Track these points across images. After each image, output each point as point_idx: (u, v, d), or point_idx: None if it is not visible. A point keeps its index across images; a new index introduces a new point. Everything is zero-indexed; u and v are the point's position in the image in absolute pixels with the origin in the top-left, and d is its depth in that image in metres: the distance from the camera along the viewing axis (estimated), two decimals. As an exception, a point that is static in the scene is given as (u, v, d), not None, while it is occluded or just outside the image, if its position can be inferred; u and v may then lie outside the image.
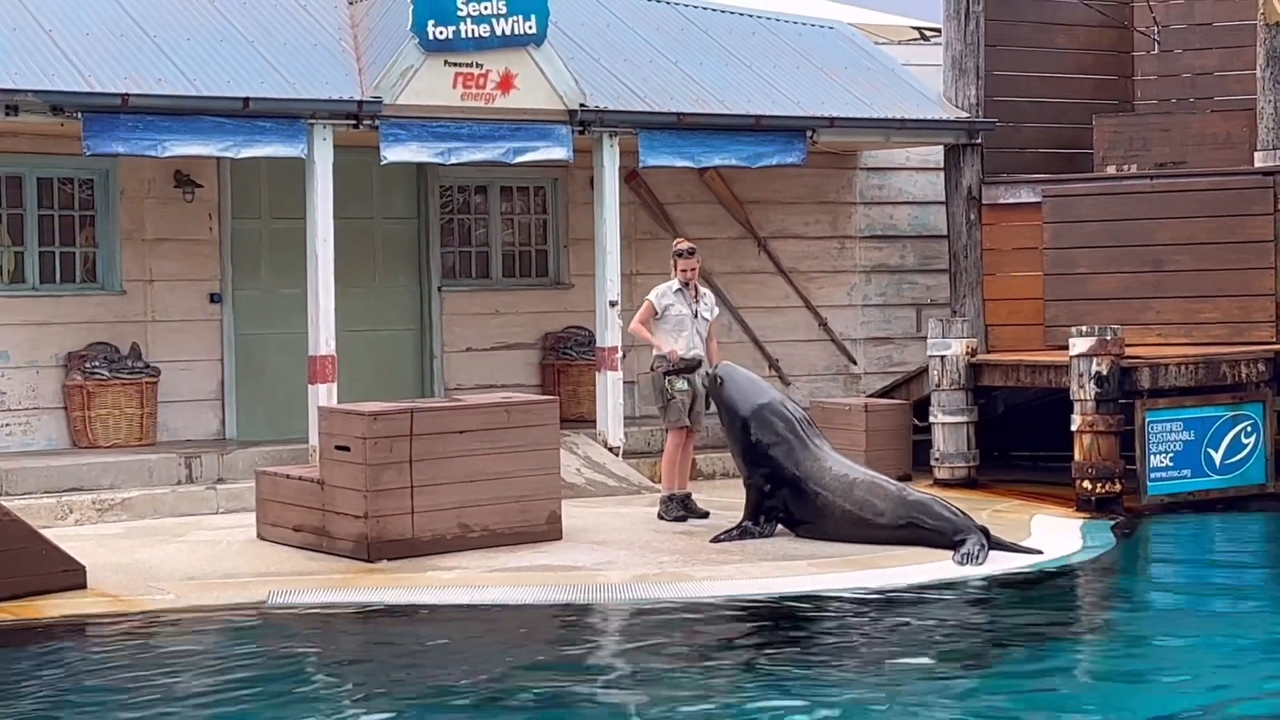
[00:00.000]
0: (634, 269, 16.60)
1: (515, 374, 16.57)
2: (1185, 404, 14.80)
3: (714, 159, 15.92)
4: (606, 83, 15.66)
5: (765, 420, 12.68)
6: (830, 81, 16.97)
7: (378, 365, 15.98)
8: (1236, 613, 10.94)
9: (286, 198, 15.31)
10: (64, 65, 13.51)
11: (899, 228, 18.25)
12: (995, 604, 11.04)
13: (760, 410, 12.71)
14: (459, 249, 16.68)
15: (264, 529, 12.54)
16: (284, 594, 10.95)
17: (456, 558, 11.85)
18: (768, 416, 12.68)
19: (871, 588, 11.19)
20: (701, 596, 10.99)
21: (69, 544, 11.34)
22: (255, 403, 15.48)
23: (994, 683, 9.09)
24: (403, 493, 11.84)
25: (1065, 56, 18.04)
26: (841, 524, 12.37)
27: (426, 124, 14.49)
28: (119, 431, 14.57)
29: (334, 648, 10.04)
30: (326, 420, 12.33)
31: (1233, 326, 16.04)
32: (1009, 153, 17.47)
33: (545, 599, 10.89)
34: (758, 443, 12.67)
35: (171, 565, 11.67)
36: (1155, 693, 8.92)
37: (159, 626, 10.28)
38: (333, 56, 14.71)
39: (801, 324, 17.89)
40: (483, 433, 12.18)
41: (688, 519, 13.19)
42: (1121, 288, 16.39)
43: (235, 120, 13.81)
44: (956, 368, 15.49)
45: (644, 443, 15.87)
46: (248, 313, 15.54)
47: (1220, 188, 16.25)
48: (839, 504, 12.39)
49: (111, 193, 15.00)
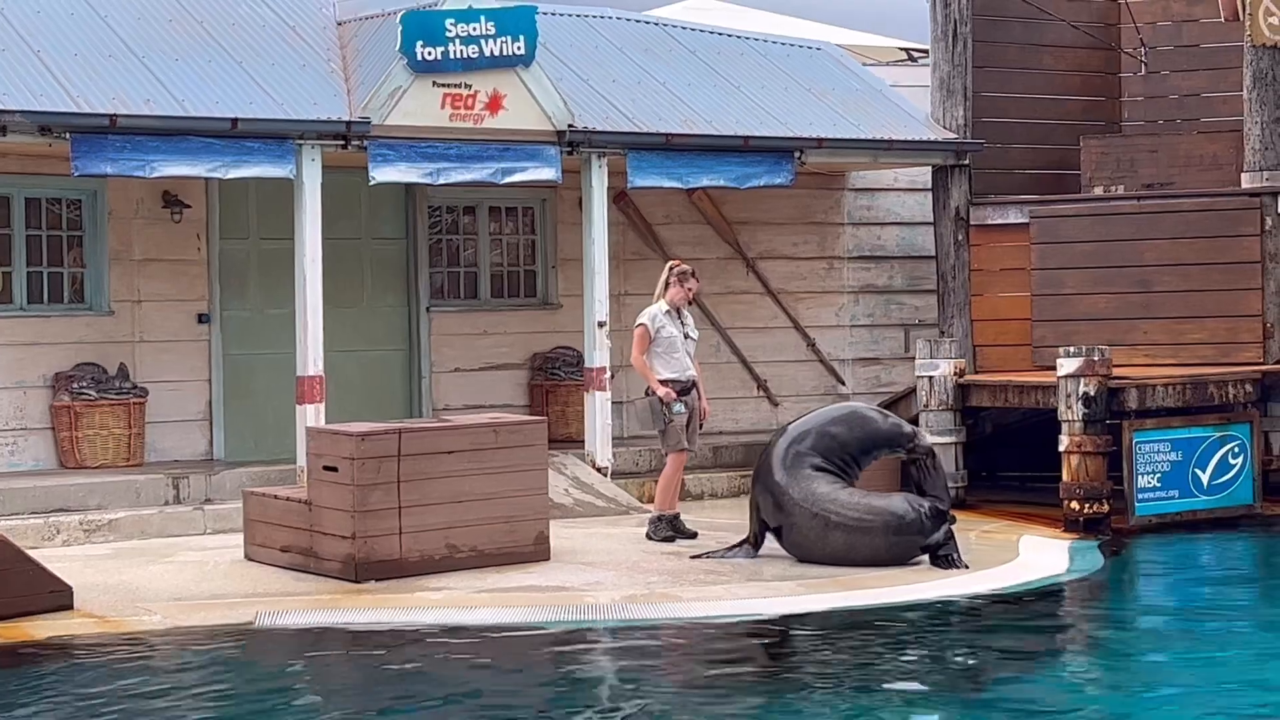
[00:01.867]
0: (622, 289, 16.61)
1: (504, 394, 16.57)
2: (1173, 424, 14.82)
3: (702, 180, 15.94)
4: (595, 103, 15.69)
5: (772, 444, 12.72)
6: (818, 102, 17.00)
7: (366, 386, 15.97)
8: (1224, 633, 10.93)
9: (275, 218, 15.31)
10: (52, 86, 13.51)
11: (887, 248, 18.28)
12: (983, 624, 11.04)
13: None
14: (447, 269, 16.68)
15: (251, 549, 12.52)
16: (271, 615, 10.92)
17: (444, 578, 11.83)
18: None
19: (859, 608, 11.19)
20: (689, 617, 10.98)
21: (56, 565, 11.33)
22: (243, 423, 15.47)
23: (982, 703, 9.08)
24: (390, 513, 11.83)
25: (1053, 78, 18.09)
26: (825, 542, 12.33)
27: (415, 144, 14.49)
28: (106, 452, 14.55)
29: (321, 669, 10.01)
30: (314, 441, 12.33)
31: (1220, 347, 16.09)
32: (997, 173, 17.52)
33: (533, 620, 10.88)
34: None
35: (159, 586, 11.65)
36: (1144, 713, 8.91)
37: (146, 648, 10.25)
38: (321, 77, 14.72)
39: (790, 344, 17.90)
40: (471, 453, 12.18)
41: (676, 539, 13.18)
42: (1109, 308, 16.42)
43: (223, 141, 13.82)
44: (944, 388, 15.50)
45: (632, 463, 15.87)
46: (236, 333, 15.54)
47: (1207, 209, 16.30)
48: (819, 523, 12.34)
49: (100, 213, 14.99)
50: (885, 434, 12.66)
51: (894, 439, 12.67)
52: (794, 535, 12.43)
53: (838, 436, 12.60)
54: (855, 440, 12.61)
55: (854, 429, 12.65)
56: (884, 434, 12.66)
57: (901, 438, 12.65)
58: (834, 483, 12.43)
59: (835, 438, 12.59)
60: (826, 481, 12.41)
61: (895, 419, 12.87)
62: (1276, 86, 16.12)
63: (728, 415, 17.14)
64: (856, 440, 12.61)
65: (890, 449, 12.74)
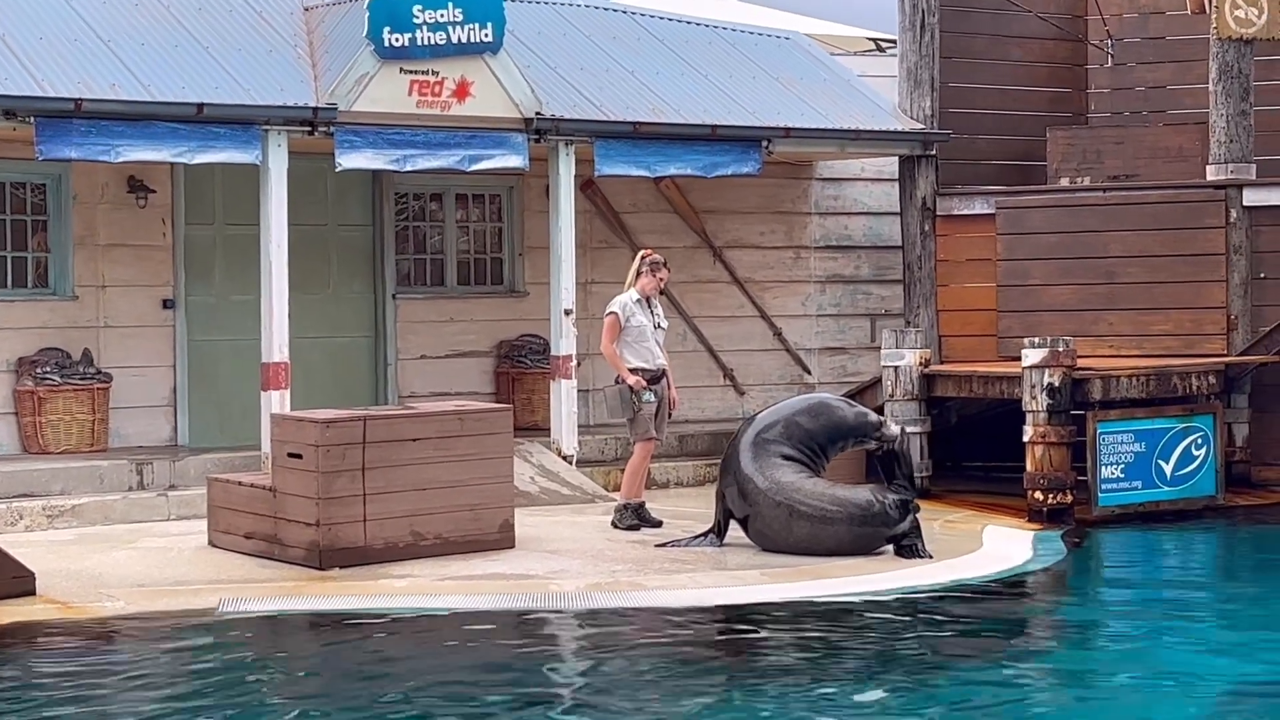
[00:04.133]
0: (589, 277, 16.61)
1: (470, 382, 16.56)
2: (1136, 415, 14.88)
3: (670, 168, 15.94)
4: (563, 91, 15.67)
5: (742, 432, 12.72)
6: (786, 92, 17.01)
7: (331, 372, 15.94)
8: (1184, 624, 10.99)
9: (240, 204, 15.26)
10: (17, 69, 13.45)
11: (854, 238, 18.31)
12: (946, 614, 11.07)
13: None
14: (414, 256, 16.65)
15: (215, 536, 12.49)
16: (235, 601, 10.91)
17: (409, 565, 11.83)
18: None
19: (824, 597, 11.22)
20: (654, 606, 11.00)
21: (19, 550, 11.29)
22: (208, 409, 15.43)
23: (945, 693, 9.11)
24: (355, 500, 11.82)
25: (1020, 69, 18.14)
26: (790, 532, 12.35)
27: (382, 131, 14.47)
28: (70, 437, 14.50)
29: (285, 656, 10.01)
30: (279, 427, 12.30)
31: (1184, 339, 16.15)
32: (963, 164, 17.55)
33: (497, 607, 10.88)
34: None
35: (122, 572, 11.63)
36: (1104, 702, 8.96)
37: (109, 634, 10.24)
38: (288, 63, 14.68)
39: (756, 333, 17.92)
40: (436, 440, 12.17)
41: (641, 528, 13.19)
42: (1074, 299, 16.48)
43: (189, 126, 13.78)
44: (910, 378, 15.54)
45: (598, 451, 15.87)
46: (201, 319, 15.49)
47: (1173, 200, 16.36)
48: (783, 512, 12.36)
49: (64, 198, 14.93)
50: (852, 424, 12.68)
51: (861, 429, 12.69)
52: (759, 524, 12.45)
53: (805, 426, 12.62)
54: (822, 430, 12.63)
55: (821, 419, 12.67)
56: (850, 424, 12.68)
57: (868, 427, 12.68)
58: (800, 472, 12.45)
59: (802, 427, 12.61)
60: (793, 471, 12.43)
61: (861, 409, 12.89)
62: (1242, 79, 16.18)
63: (694, 404, 17.15)
64: (823, 430, 12.64)
65: (857, 439, 12.75)
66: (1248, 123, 16.20)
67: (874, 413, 13.06)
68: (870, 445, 12.78)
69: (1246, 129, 16.19)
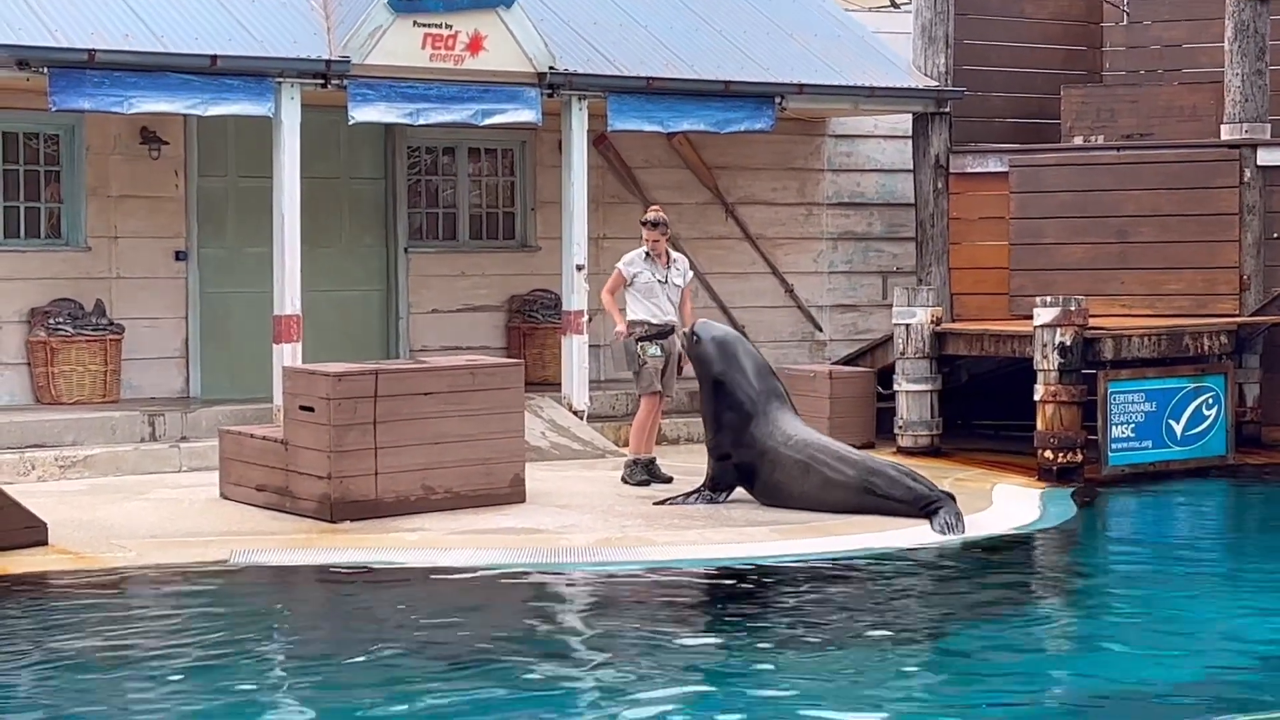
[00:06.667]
0: (601, 233, 16.60)
1: (481, 336, 16.57)
2: (1148, 375, 14.87)
3: (683, 124, 15.91)
4: (576, 46, 15.63)
5: (734, 380, 12.64)
6: (800, 48, 16.96)
7: (343, 326, 15.95)
8: (1194, 583, 11.00)
9: (253, 156, 15.25)
10: (31, 20, 13.43)
11: (866, 195, 18.28)
12: (956, 571, 11.10)
13: (729, 370, 12.64)
14: (426, 210, 16.64)
15: (227, 488, 12.53)
16: (245, 553, 10.95)
17: (419, 519, 11.86)
18: (736, 377, 12.63)
19: (833, 554, 11.23)
20: (663, 561, 11.03)
21: (31, 500, 11.33)
22: (219, 361, 15.45)
23: (956, 649, 9.14)
24: (366, 454, 11.84)
25: (1034, 26, 18.08)
26: (803, 490, 12.36)
27: (395, 84, 14.44)
28: (82, 388, 14.53)
29: (296, 607, 10.05)
30: (291, 380, 12.32)
31: (1197, 299, 16.14)
32: (977, 122, 17.51)
33: (507, 561, 10.91)
34: (724, 403, 12.63)
35: (133, 523, 11.67)
36: (1114, 659, 8.98)
37: (120, 584, 10.28)
38: (301, 15, 14.65)
39: (768, 290, 17.91)
40: (447, 395, 12.19)
41: (651, 483, 13.21)
42: (1087, 258, 16.46)
43: (202, 78, 13.76)
44: (921, 336, 15.52)
45: (609, 406, 15.89)
46: (213, 271, 15.50)
47: (1187, 160, 16.32)
48: (800, 469, 12.37)
49: (77, 148, 14.93)
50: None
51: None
52: (770, 477, 12.43)
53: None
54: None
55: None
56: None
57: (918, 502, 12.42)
58: (810, 424, 12.50)
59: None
60: (803, 423, 12.51)
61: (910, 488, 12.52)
62: (1258, 38, 16.11)
63: (705, 360, 17.11)
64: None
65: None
66: (1263, 82, 16.15)
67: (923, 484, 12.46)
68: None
69: (1262, 88, 16.13)
